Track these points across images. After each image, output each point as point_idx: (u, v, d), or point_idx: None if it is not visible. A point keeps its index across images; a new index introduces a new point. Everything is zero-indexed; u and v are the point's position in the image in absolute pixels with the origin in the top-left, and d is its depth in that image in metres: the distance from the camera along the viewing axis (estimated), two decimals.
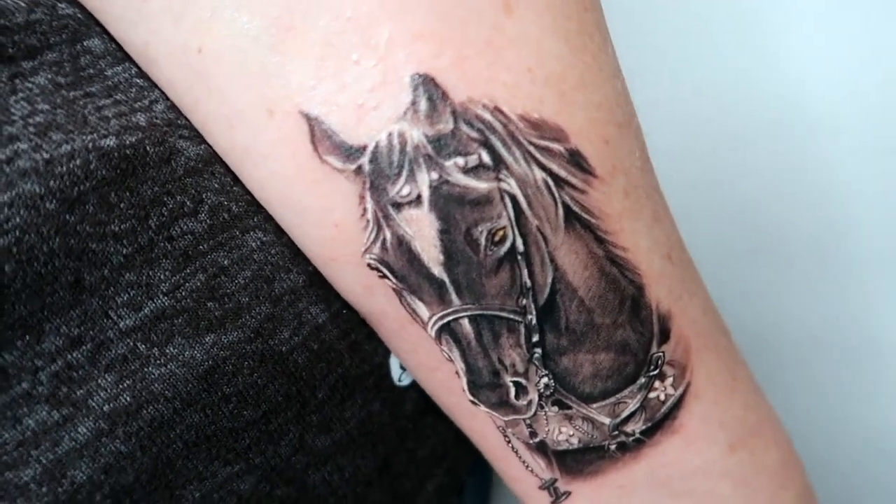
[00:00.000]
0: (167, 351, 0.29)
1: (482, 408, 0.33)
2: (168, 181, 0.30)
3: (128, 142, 0.29)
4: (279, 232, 0.33)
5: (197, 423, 0.30)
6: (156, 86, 0.31)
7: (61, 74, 0.29)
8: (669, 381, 0.33)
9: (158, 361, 0.29)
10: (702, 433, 0.34)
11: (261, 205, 0.33)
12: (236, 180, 0.32)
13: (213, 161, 0.32)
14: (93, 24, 0.30)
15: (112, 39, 0.30)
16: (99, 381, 0.28)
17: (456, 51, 0.27)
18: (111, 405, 0.28)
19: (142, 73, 0.31)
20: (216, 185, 0.32)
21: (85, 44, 0.30)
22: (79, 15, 0.30)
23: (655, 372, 0.33)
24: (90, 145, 0.27)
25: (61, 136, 0.27)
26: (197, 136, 0.31)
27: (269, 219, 0.33)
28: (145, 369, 0.28)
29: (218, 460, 0.31)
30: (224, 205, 0.32)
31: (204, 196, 0.31)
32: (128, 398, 0.28)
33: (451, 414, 0.36)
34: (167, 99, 0.31)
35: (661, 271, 0.33)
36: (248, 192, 0.32)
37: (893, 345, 0.63)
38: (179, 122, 0.31)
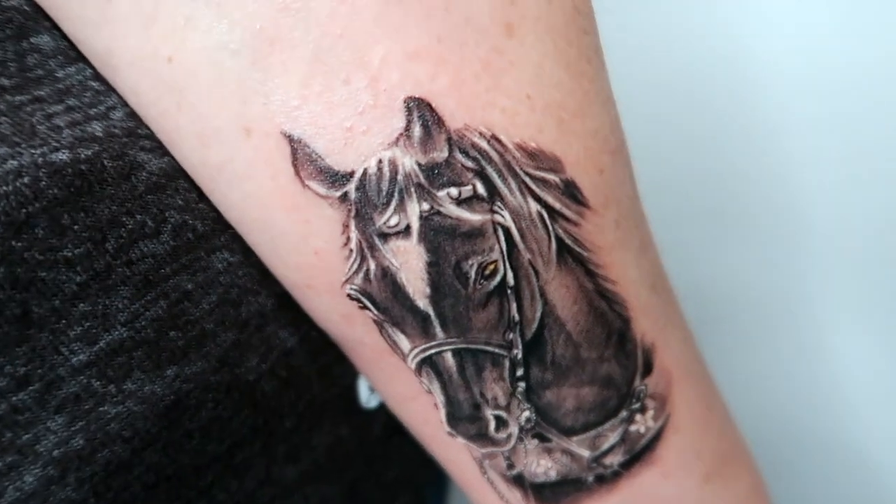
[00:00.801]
0: (125, 387, 0.26)
1: (459, 439, 0.32)
2: (127, 199, 0.27)
3: (83, 156, 0.25)
4: (247, 252, 0.31)
5: (156, 463, 0.28)
6: (114, 90, 0.28)
7: (4, 76, 0.25)
8: (650, 413, 0.33)
9: (115, 399, 0.26)
10: (679, 464, 0.34)
11: (228, 223, 0.30)
12: (202, 196, 0.29)
13: (177, 175, 0.29)
14: (41, 19, 0.26)
15: (63, 36, 0.27)
16: (48, 423, 0.25)
17: (454, 73, 0.25)
18: (62, 450, 0.25)
19: (98, 76, 0.28)
20: (180, 203, 0.29)
21: (32, 41, 0.26)
22: (25, 7, 0.26)
23: (637, 405, 0.32)
24: (40, 160, 0.24)
25: (6, 150, 0.24)
26: (160, 148, 0.28)
27: (237, 238, 0.31)
28: (100, 408, 0.26)
29: (179, 501, 0.29)
30: (188, 224, 0.29)
31: (167, 215, 0.28)
32: (81, 441, 0.25)
33: (425, 443, 0.35)
34: (127, 105, 0.28)
35: (646, 303, 0.32)
36: (215, 210, 0.30)
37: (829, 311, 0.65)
38: (140, 131, 0.28)
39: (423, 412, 0.32)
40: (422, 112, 0.25)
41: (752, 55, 0.59)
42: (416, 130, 0.25)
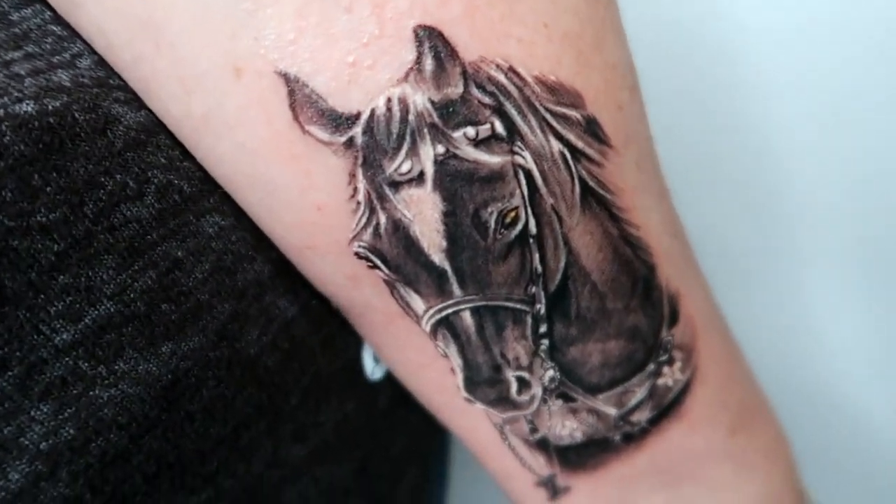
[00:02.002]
0: (116, 368, 0.24)
1: (478, 405, 0.30)
2: (104, 157, 0.24)
3: (50, 107, 0.22)
4: (239, 214, 0.28)
5: (157, 450, 0.25)
6: (78, 35, 0.25)
7: None
8: (678, 366, 0.31)
9: (107, 382, 0.23)
10: (707, 418, 0.32)
11: (216, 182, 0.27)
12: (186, 154, 0.27)
13: (157, 131, 0.26)
14: None
15: None
16: (32, 413, 0.22)
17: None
18: (50, 442, 0.22)
19: (58, 19, 0.24)
20: (163, 161, 0.26)
21: None
22: None
23: (665, 357, 0.31)
24: (1, 113, 0.21)
25: None
26: (136, 100, 0.25)
27: (228, 199, 0.28)
28: (91, 393, 0.23)
29: (183, 490, 0.26)
30: (174, 184, 0.26)
31: (149, 174, 0.25)
32: (71, 431, 0.23)
33: (438, 412, 0.33)
34: (94, 53, 0.25)
35: (669, 249, 0.30)
36: (202, 168, 0.27)
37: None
38: (112, 81, 0.25)
39: (437, 379, 0.30)
40: (434, 42, 0.23)
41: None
42: (428, 63, 0.23)
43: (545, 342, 0.28)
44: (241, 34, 0.22)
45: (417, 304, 0.27)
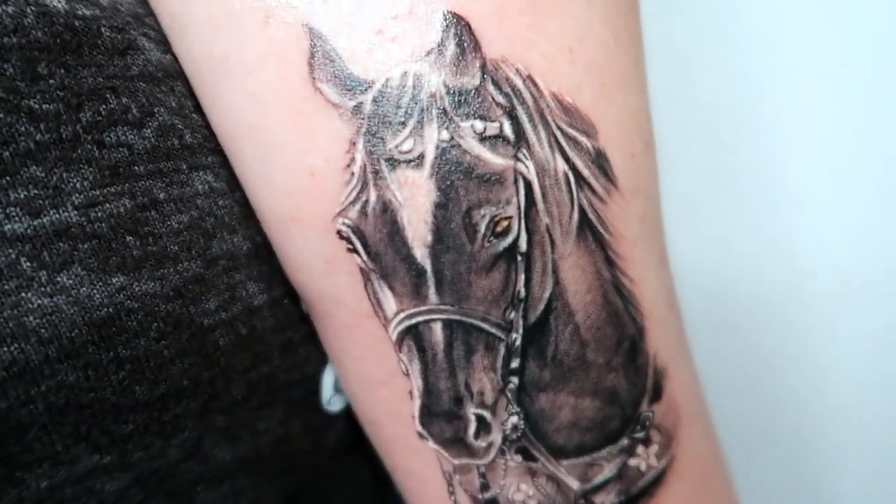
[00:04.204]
0: (58, 280, 0.22)
1: (430, 443, 0.27)
2: (116, 76, 0.24)
3: (80, 12, 0.23)
4: (233, 183, 0.28)
5: (71, 383, 0.23)
6: None
7: None
8: (654, 449, 0.28)
9: (43, 289, 0.22)
10: None
11: (219, 146, 0.27)
12: (198, 108, 0.27)
13: (176, 76, 0.26)
14: None
15: None
16: None
17: (498, 0, 0.23)
18: None
19: None
20: (173, 104, 0.26)
21: None
22: None
23: (641, 434, 0.28)
24: None
25: None
26: (164, 43, 0.26)
27: (226, 165, 0.28)
28: (22, 294, 0.22)
29: (85, 442, 0.23)
30: (177, 128, 0.26)
31: (155, 110, 0.25)
32: None
33: (387, 450, 0.30)
34: None
35: (663, 318, 0.29)
36: (208, 126, 0.27)
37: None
38: (149, 20, 0.26)
39: (393, 403, 0.28)
40: (459, 29, 0.23)
41: None
42: (450, 47, 0.23)
43: (514, 380, 0.26)
44: None
45: (389, 303, 0.25)
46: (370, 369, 0.28)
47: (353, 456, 0.35)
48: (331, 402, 0.33)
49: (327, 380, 0.32)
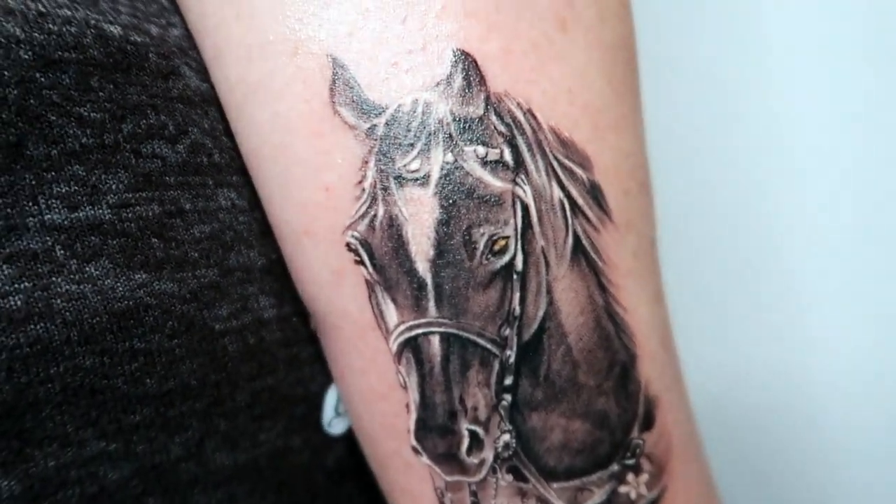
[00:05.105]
0: (87, 269, 0.24)
1: (424, 458, 0.28)
2: (158, 96, 0.27)
3: (132, 38, 0.26)
4: (254, 202, 0.30)
5: (87, 367, 0.24)
6: (177, 12, 0.29)
7: None
8: (645, 478, 0.29)
9: (73, 277, 0.24)
10: None
11: (244, 167, 0.29)
12: (227, 132, 0.29)
13: (211, 102, 0.29)
14: None
15: None
16: None
17: (504, 42, 0.26)
18: None
19: None
20: (206, 126, 0.29)
21: None
22: None
23: (632, 461, 0.28)
24: (92, 22, 0.25)
25: (65, 1, 0.24)
26: (203, 72, 0.29)
27: (248, 185, 0.30)
28: (53, 278, 0.23)
29: (94, 427, 0.25)
30: (207, 147, 0.28)
31: (190, 129, 0.28)
32: (18, 302, 0.23)
33: (382, 466, 0.30)
34: (185, 27, 0.29)
35: (654, 352, 0.30)
36: (236, 149, 0.29)
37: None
38: (192, 53, 0.29)
39: (391, 416, 0.28)
40: (466, 65, 0.26)
41: None
42: (458, 80, 0.26)
43: (507, 398, 0.27)
44: (308, 21, 0.26)
45: (391, 315, 0.27)
46: (371, 382, 0.29)
47: (352, 482, 0.35)
48: (332, 423, 0.34)
49: (329, 401, 0.33)
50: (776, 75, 0.58)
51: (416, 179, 0.26)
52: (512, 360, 0.27)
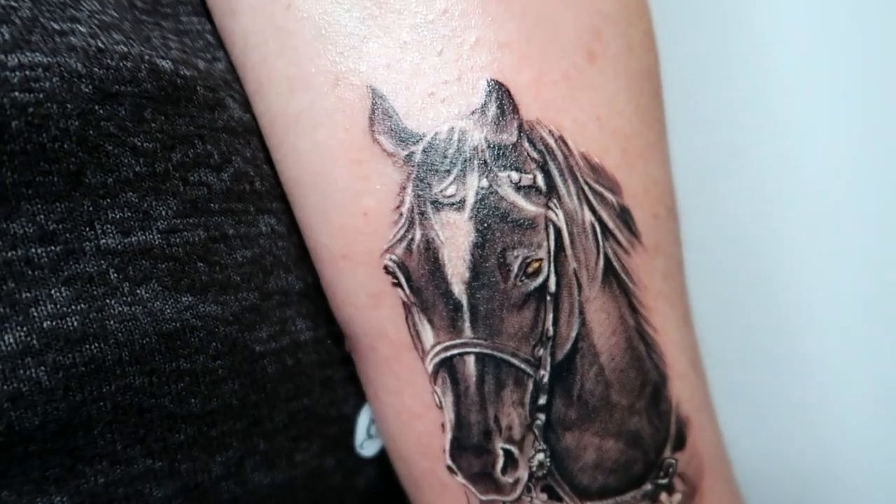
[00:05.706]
0: (138, 292, 0.25)
1: (459, 478, 0.28)
2: (205, 127, 0.28)
3: (182, 72, 0.27)
4: (293, 228, 0.31)
5: (137, 386, 0.25)
6: (222, 47, 0.30)
7: (140, 0, 0.29)
8: (678, 498, 0.29)
9: (125, 298, 0.25)
10: None
11: (283, 194, 0.31)
12: (268, 161, 0.31)
13: (253, 132, 0.30)
14: None
15: None
16: (52, 291, 0.23)
17: (536, 72, 0.27)
18: (53, 323, 0.23)
19: (214, 31, 0.31)
20: (248, 155, 0.30)
21: None
22: None
23: (665, 481, 0.29)
24: (146, 57, 0.26)
25: (121, 38, 0.26)
26: (246, 104, 0.30)
27: (288, 211, 0.31)
28: (107, 300, 0.24)
29: (141, 445, 0.25)
30: (249, 175, 0.30)
31: (233, 158, 0.29)
32: (74, 322, 0.24)
33: (416, 487, 0.31)
34: (229, 61, 0.30)
35: (685, 373, 0.30)
36: (276, 176, 0.31)
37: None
38: (235, 85, 0.30)
39: (426, 436, 0.29)
40: (500, 94, 0.27)
41: None
42: (492, 109, 0.27)
43: (542, 417, 0.28)
44: (348, 53, 0.27)
45: (427, 335, 0.28)
46: (406, 402, 0.29)
47: None
48: (363, 445, 0.34)
49: (362, 423, 0.34)
50: (776, 75, 0.59)
51: (453, 204, 0.27)
52: (546, 379, 0.28)
